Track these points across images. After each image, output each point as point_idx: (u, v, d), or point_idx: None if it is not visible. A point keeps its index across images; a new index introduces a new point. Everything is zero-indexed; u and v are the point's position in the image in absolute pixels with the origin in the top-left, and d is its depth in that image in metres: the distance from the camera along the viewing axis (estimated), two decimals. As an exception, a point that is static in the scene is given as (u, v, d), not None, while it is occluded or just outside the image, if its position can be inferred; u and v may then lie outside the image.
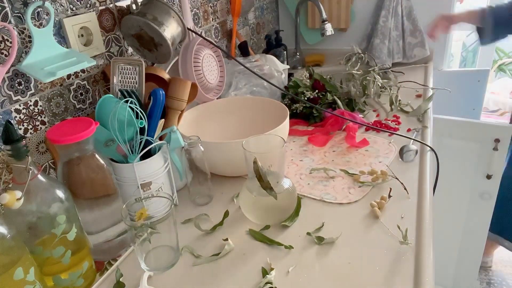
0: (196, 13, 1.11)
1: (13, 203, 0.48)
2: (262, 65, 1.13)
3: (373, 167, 0.84)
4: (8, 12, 0.61)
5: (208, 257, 0.63)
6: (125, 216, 0.58)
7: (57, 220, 0.53)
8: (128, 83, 0.73)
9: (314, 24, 1.62)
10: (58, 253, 0.54)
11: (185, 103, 0.79)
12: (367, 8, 1.56)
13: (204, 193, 0.79)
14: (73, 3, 0.72)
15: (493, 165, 1.30)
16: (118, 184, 0.67)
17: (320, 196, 0.76)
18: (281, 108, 0.91)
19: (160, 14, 0.80)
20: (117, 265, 0.64)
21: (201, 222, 0.72)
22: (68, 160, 0.58)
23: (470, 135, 1.30)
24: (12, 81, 0.63)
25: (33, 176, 0.51)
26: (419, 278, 0.55)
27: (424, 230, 0.64)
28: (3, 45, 0.61)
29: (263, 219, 0.69)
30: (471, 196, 1.37)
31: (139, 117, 0.67)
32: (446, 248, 1.49)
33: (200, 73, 0.95)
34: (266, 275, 0.58)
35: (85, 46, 0.76)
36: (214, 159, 0.79)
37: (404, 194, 0.74)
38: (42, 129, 0.69)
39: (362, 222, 0.68)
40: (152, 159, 0.68)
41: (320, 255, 0.62)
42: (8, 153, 0.50)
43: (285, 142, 0.66)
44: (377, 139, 0.96)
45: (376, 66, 1.26)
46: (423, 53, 1.48)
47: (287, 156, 0.93)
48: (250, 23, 1.48)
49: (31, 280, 0.48)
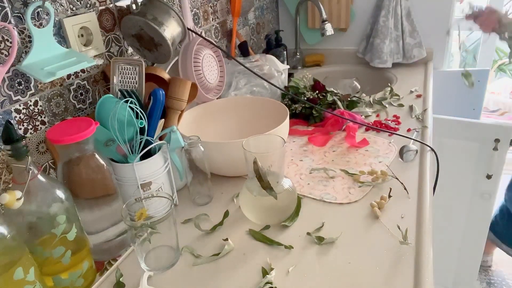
0: (196, 13, 1.11)
1: (13, 203, 0.48)
2: (262, 65, 1.13)
3: (373, 167, 0.84)
4: (8, 12, 0.61)
5: (208, 257, 0.63)
6: (125, 216, 0.58)
7: (57, 220, 0.53)
8: (128, 83, 0.73)
9: (314, 24, 1.62)
10: (58, 253, 0.54)
11: (185, 103, 0.79)
12: (367, 8, 1.56)
13: (204, 193, 0.79)
14: (73, 3, 0.72)
15: (493, 165, 1.30)
16: (118, 184, 0.67)
17: (320, 196, 0.76)
18: (281, 108, 0.91)
19: (160, 14, 0.80)
20: (117, 265, 0.64)
21: (201, 222, 0.72)
22: (68, 160, 0.58)
23: (470, 135, 1.30)
24: (12, 81, 0.63)
25: (33, 176, 0.51)
26: (419, 278, 0.55)
27: (424, 230, 0.64)
28: (3, 45, 0.61)
29: (263, 219, 0.69)
30: (471, 196, 1.37)
31: (139, 117, 0.67)
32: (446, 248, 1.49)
33: (200, 73, 0.95)
34: (266, 275, 0.58)
35: (85, 46, 0.76)
36: (214, 159, 0.79)
37: (404, 194, 0.74)
38: (42, 129, 0.69)
39: (362, 222, 0.68)
40: (152, 159, 0.68)
41: (320, 255, 0.62)
42: (8, 153, 0.50)
43: (285, 142, 0.66)
44: (377, 139, 0.96)
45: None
46: (421, 53, 1.48)
47: (287, 156, 0.93)
48: (250, 23, 1.48)
49: (31, 280, 0.48)
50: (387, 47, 1.45)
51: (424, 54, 1.48)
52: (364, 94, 1.22)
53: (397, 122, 1.04)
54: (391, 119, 1.07)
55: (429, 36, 1.52)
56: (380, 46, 1.46)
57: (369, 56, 1.51)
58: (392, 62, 1.48)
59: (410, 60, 1.49)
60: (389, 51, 1.46)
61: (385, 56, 1.46)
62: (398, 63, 1.51)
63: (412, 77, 1.40)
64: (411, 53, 1.49)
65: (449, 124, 1.33)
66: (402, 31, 1.47)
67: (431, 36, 1.52)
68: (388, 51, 1.46)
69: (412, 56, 1.49)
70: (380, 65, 1.47)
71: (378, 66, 1.48)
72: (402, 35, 1.47)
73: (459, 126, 1.32)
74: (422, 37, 1.48)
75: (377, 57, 1.47)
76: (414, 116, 1.07)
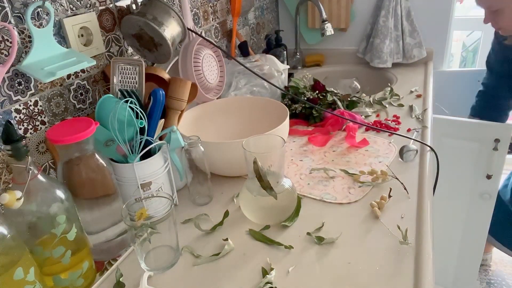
0: (196, 13, 1.11)
1: (13, 203, 0.48)
2: (262, 65, 1.13)
3: (373, 167, 0.84)
4: (8, 12, 0.61)
5: (208, 257, 0.63)
6: (125, 216, 0.58)
7: (57, 220, 0.53)
8: (128, 83, 0.73)
9: (314, 24, 1.62)
10: (58, 253, 0.54)
11: (185, 103, 0.79)
12: (367, 8, 1.56)
13: (204, 193, 0.79)
14: (73, 3, 0.72)
15: (493, 165, 1.29)
16: (118, 184, 0.67)
17: (320, 196, 0.76)
18: (281, 108, 0.91)
19: (160, 14, 0.80)
20: (117, 265, 0.64)
21: (201, 222, 0.72)
22: (68, 160, 0.58)
23: (470, 135, 1.30)
24: (12, 81, 0.63)
25: (33, 176, 0.51)
26: (419, 278, 0.55)
27: (424, 230, 0.64)
28: (3, 45, 0.61)
29: (263, 219, 0.69)
30: (471, 196, 1.37)
31: (139, 117, 0.67)
32: (446, 248, 1.49)
33: (200, 73, 0.95)
34: (266, 275, 0.58)
35: (85, 46, 0.76)
36: (214, 159, 0.79)
37: (404, 194, 0.74)
38: (42, 129, 0.69)
39: (362, 222, 0.68)
40: (152, 159, 0.68)
41: (320, 255, 0.62)
42: (8, 153, 0.50)
43: (285, 142, 0.66)
44: (377, 139, 0.96)
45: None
46: (421, 53, 1.48)
47: (287, 156, 0.93)
48: (250, 23, 1.48)
49: (31, 280, 0.48)
50: (387, 47, 1.45)
51: (424, 54, 1.49)
52: (364, 94, 1.22)
53: (397, 122, 1.04)
54: (391, 119, 1.07)
55: (429, 36, 1.52)
56: (380, 46, 1.46)
57: (369, 56, 1.51)
58: (392, 62, 1.48)
59: (410, 60, 1.49)
60: (389, 51, 1.46)
61: (385, 56, 1.46)
62: (398, 63, 1.51)
63: (412, 77, 1.40)
64: (411, 53, 1.49)
65: (449, 124, 1.33)
66: (402, 31, 1.47)
67: (431, 36, 1.52)
68: (388, 51, 1.46)
69: (412, 56, 1.49)
70: (380, 65, 1.47)
71: (378, 66, 1.48)
72: (402, 35, 1.47)
73: (459, 126, 1.32)
74: (422, 37, 1.48)
75: (377, 57, 1.47)
76: (414, 116, 1.07)
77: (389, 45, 1.46)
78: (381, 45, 1.45)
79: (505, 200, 1.47)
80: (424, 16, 1.49)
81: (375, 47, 1.47)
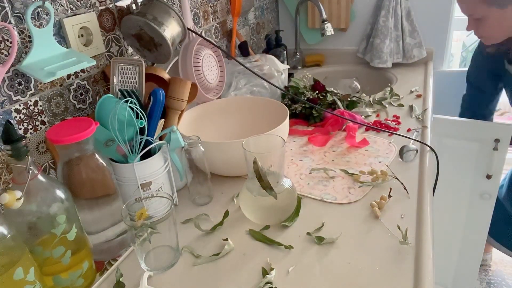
0: (196, 13, 1.11)
1: (13, 203, 0.48)
2: (262, 65, 1.13)
3: (373, 167, 0.84)
4: (8, 12, 0.61)
5: (208, 257, 0.63)
6: (125, 216, 0.58)
7: (57, 220, 0.53)
8: (128, 83, 0.73)
9: (314, 24, 1.62)
10: (58, 253, 0.54)
11: (185, 103, 0.79)
12: (367, 8, 1.56)
13: (204, 193, 0.79)
14: (73, 3, 0.72)
15: (493, 165, 1.29)
16: (118, 184, 0.67)
17: (320, 196, 0.76)
18: (281, 108, 0.91)
19: (160, 14, 0.80)
20: (117, 265, 0.64)
21: (201, 222, 0.72)
22: (68, 160, 0.58)
23: (470, 135, 1.30)
24: (12, 81, 0.63)
25: (33, 176, 0.51)
26: (419, 278, 0.55)
27: (424, 230, 0.64)
28: (3, 45, 0.61)
29: (263, 219, 0.69)
30: (471, 196, 1.37)
31: (139, 117, 0.67)
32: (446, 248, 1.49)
33: (200, 73, 0.95)
34: (266, 275, 0.58)
35: (85, 46, 0.76)
36: (214, 159, 0.79)
37: (404, 194, 0.74)
38: (42, 129, 0.69)
39: (362, 222, 0.68)
40: (152, 159, 0.68)
41: (320, 255, 0.62)
42: (8, 153, 0.50)
43: (285, 142, 0.66)
44: (377, 139, 0.96)
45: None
46: (421, 53, 1.48)
47: (287, 156, 0.93)
48: (250, 23, 1.48)
49: (31, 280, 0.48)
50: (387, 47, 1.45)
51: (424, 54, 1.49)
52: (364, 94, 1.22)
53: (397, 122, 1.04)
54: (391, 119, 1.07)
55: (429, 36, 1.52)
56: (380, 46, 1.46)
57: (369, 56, 1.51)
58: (392, 62, 1.48)
59: (410, 60, 1.49)
60: (389, 51, 1.46)
61: (385, 56, 1.46)
62: (398, 63, 1.51)
63: (412, 77, 1.41)
64: (411, 53, 1.49)
65: (449, 124, 1.33)
66: (402, 31, 1.47)
67: (431, 36, 1.52)
68: (388, 51, 1.46)
69: (412, 56, 1.49)
70: (380, 65, 1.47)
71: (378, 66, 1.48)
72: (402, 35, 1.47)
73: (459, 126, 1.32)
74: (422, 37, 1.48)
75: (377, 57, 1.47)
76: (414, 116, 1.07)
77: (389, 45, 1.46)
78: (381, 45, 1.45)
79: (501, 199, 1.47)
80: (424, 16, 1.49)
81: (375, 47, 1.47)
